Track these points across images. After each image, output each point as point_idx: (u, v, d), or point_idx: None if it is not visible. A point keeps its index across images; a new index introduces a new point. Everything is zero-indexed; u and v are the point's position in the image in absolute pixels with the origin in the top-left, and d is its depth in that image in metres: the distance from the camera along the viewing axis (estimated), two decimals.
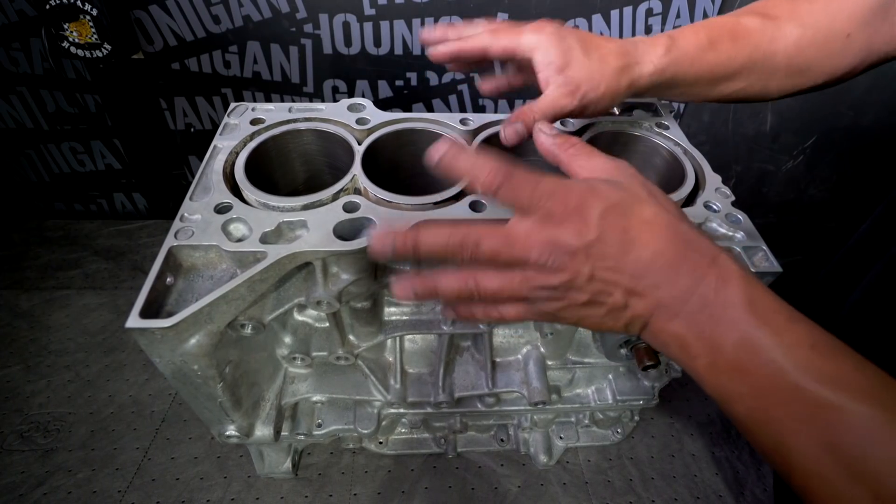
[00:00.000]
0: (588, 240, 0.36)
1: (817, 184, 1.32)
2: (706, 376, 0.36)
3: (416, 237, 0.38)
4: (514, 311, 0.41)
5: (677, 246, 0.37)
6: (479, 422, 0.81)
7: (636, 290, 0.37)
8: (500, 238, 0.37)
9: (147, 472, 0.78)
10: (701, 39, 0.54)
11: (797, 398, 0.32)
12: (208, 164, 0.58)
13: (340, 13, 1.03)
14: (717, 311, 0.35)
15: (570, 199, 0.37)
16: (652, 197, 0.39)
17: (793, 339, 0.34)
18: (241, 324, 0.53)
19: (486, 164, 0.38)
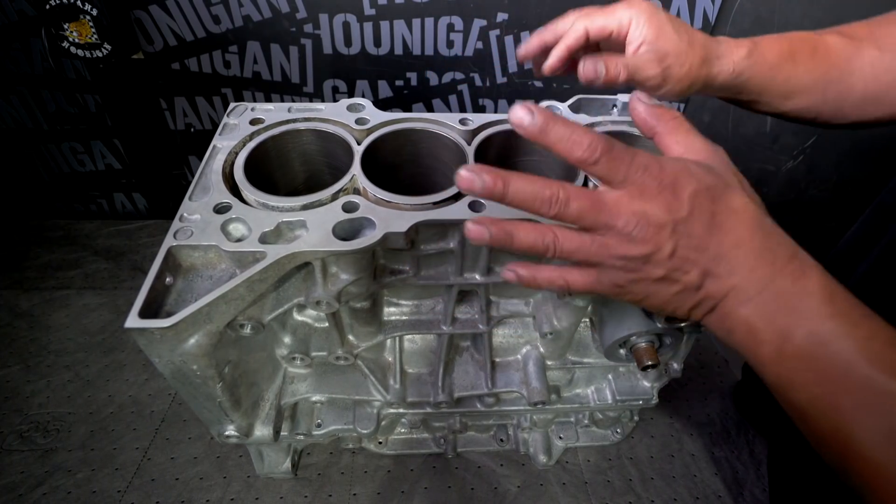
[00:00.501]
0: (677, 216, 0.37)
1: (817, 184, 1.32)
2: (770, 363, 0.37)
3: (508, 180, 0.37)
4: (583, 278, 0.41)
5: (760, 237, 0.38)
6: (479, 422, 0.81)
7: (713, 272, 0.38)
8: (590, 200, 0.37)
9: (146, 472, 0.78)
10: (783, 48, 0.54)
11: (866, 387, 0.33)
12: (208, 164, 0.58)
13: (340, 13, 1.03)
14: (792, 300, 0.36)
15: (665, 174, 0.37)
16: (742, 187, 0.40)
17: (868, 332, 0.35)
18: (241, 324, 0.53)
19: (584, 136, 0.36)
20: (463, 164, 0.38)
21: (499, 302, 0.66)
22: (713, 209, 0.37)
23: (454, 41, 1.06)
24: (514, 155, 0.66)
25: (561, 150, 0.37)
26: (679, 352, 0.69)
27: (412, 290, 0.64)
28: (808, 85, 0.55)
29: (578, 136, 0.36)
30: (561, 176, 0.63)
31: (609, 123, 0.67)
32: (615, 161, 0.36)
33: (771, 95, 0.56)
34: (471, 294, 0.65)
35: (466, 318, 0.65)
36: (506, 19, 1.03)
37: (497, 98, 1.18)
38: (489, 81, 1.14)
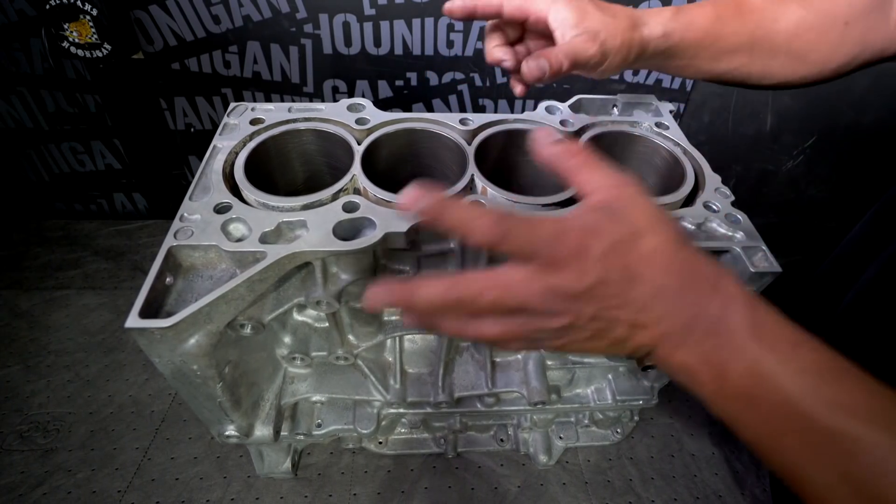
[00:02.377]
0: (588, 283, 0.36)
1: (817, 184, 1.32)
2: (714, 403, 0.36)
3: (413, 294, 0.37)
4: (518, 346, 0.41)
5: (679, 276, 0.37)
6: (479, 422, 0.81)
7: (640, 323, 0.37)
8: (499, 289, 0.36)
9: (147, 472, 0.78)
10: (708, 11, 0.55)
11: (809, 427, 0.32)
12: (208, 164, 0.58)
13: (340, 13, 1.03)
14: (721, 338, 0.35)
15: (569, 242, 0.36)
16: (654, 225, 0.38)
17: (799, 364, 0.33)
18: (241, 324, 0.53)
19: (481, 220, 0.35)
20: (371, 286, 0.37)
21: None
22: (625, 262, 0.36)
23: (454, 41, 1.06)
24: (514, 155, 0.66)
25: (458, 235, 0.37)
26: None
27: None
28: (735, 45, 0.56)
29: (476, 219, 0.36)
30: None
31: (609, 123, 0.67)
32: (515, 242, 0.36)
33: (701, 58, 0.56)
34: None
35: None
36: None
37: (497, 98, 1.18)
38: (489, 81, 1.14)
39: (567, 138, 0.42)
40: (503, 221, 0.36)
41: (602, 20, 0.51)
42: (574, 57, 0.49)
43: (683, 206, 0.57)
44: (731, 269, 0.36)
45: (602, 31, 0.51)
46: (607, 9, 0.53)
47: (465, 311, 0.37)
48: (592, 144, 0.63)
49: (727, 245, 0.52)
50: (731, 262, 0.53)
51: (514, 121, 0.65)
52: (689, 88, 1.16)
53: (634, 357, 0.40)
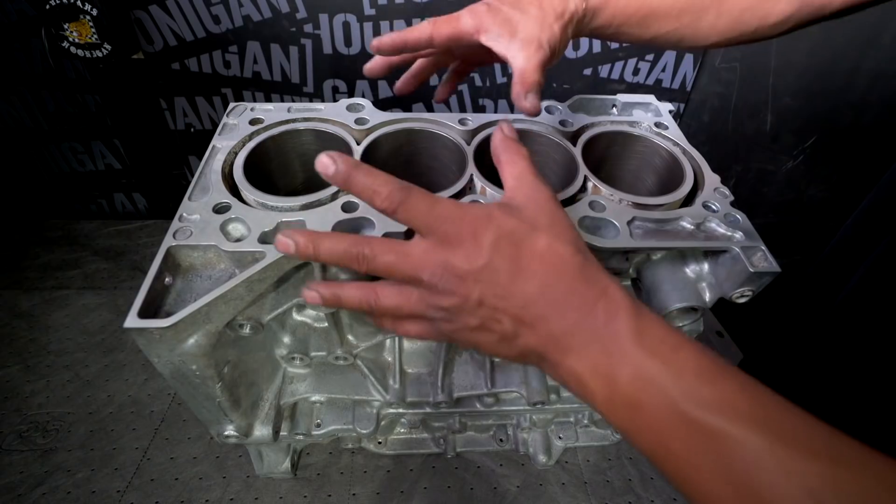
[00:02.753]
0: (477, 265, 0.37)
1: (817, 184, 1.32)
2: (606, 413, 0.36)
3: (318, 241, 0.39)
4: (416, 328, 0.42)
5: (567, 278, 0.37)
6: (478, 422, 0.81)
7: (524, 320, 0.37)
8: (396, 255, 0.39)
9: (146, 472, 0.78)
10: None
11: (689, 429, 0.32)
12: (207, 164, 0.58)
13: (340, 13, 1.03)
14: (607, 344, 0.35)
15: (465, 224, 0.38)
16: (552, 227, 0.39)
17: (679, 366, 0.34)
18: (240, 324, 0.53)
19: (383, 185, 0.38)
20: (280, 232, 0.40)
21: None
22: (515, 253, 0.37)
23: None
24: None
25: (364, 199, 0.39)
26: None
27: None
28: (662, 11, 0.55)
29: (378, 186, 0.38)
30: (561, 176, 0.63)
31: (608, 123, 0.67)
32: (413, 212, 0.38)
33: (629, 26, 0.56)
34: None
35: None
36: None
37: (497, 98, 1.19)
38: (489, 81, 1.14)
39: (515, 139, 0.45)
40: (404, 191, 0.38)
41: (533, 21, 0.51)
42: (540, 69, 0.51)
43: (683, 206, 0.57)
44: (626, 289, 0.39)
45: (540, 33, 0.51)
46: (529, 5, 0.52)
47: (361, 268, 0.39)
48: (592, 145, 0.63)
49: (726, 245, 0.52)
50: (730, 261, 0.53)
51: (514, 121, 0.65)
52: (689, 88, 1.16)
53: (530, 363, 0.40)
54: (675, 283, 0.56)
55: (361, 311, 0.42)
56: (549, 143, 0.64)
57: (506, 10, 0.52)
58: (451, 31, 0.53)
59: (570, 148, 0.62)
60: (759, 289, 0.53)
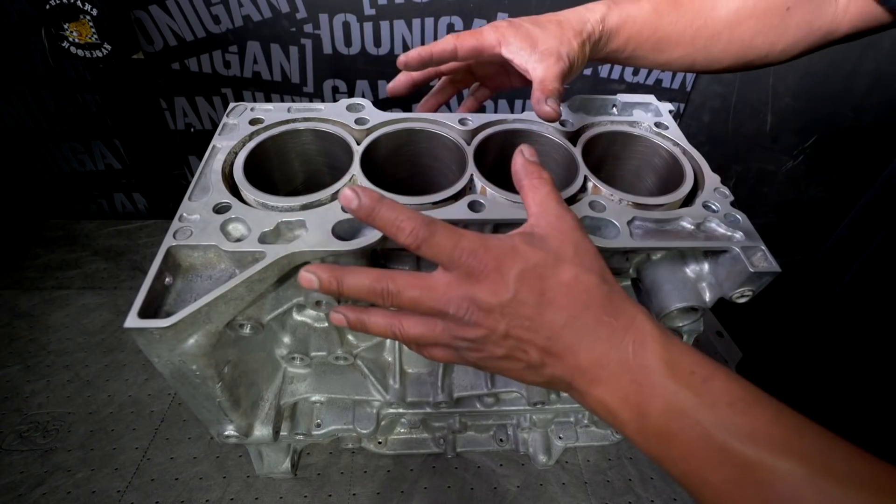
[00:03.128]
0: (503, 299, 0.37)
1: (817, 184, 1.32)
2: (638, 442, 0.37)
3: (341, 277, 0.40)
4: (441, 353, 0.43)
5: (594, 310, 0.37)
6: (479, 422, 0.81)
7: (551, 351, 0.37)
8: (420, 290, 0.39)
9: (146, 472, 0.78)
10: (643, 6, 0.56)
11: (725, 460, 0.32)
12: (207, 164, 0.58)
13: (340, 13, 1.03)
14: (637, 375, 0.35)
15: (490, 257, 0.37)
16: (577, 257, 0.39)
17: (711, 397, 0.34)
18: (240, 324, 0.53)
19: (407, 220, 0.38)
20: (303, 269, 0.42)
21: None
22: (541, 286, 0.37)
23: None
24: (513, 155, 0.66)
25: (388, 233, 0.39)
26: None
27: None
28: (675, 36, 0.57)
29: (402, 222, 0.38)
30: (561, 176, 0.63)
31: (608, 123, 0.67)
32: (437, 248, 0.38)
33: (644, 50, 0.58)
34: None
35: None
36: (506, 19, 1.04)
37: (497, 98, 1.19)
38: None
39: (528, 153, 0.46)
40: (429, 227, 0.38)
41: (552, 37, 0.53)
42: (560, 79, 0.52)
43: (683, 206, 0.57)
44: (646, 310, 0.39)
45: (559, 47, 0.53)
46: (548, 23, 0.55)
47: (388, 304, 0.40)
48: (592, 145, 0.63)
49: (726, 245, 0.52)
50: (730, 261, 0.53)
51: (514, 121, 0.65)
52: (689, 88, 1.16)
53: (557, 389, 0.41)
54: (676, 283, 0.56)
55: (386, 337, 0.43)
56: (549, 143, 0.64)
57: (527, 26, 0.54)
58: (475, 43, 0.54)
59: (571, 148, 0.62)
60: (760, 289, 0.53)
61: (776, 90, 1.16)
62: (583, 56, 0.55)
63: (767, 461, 0.30)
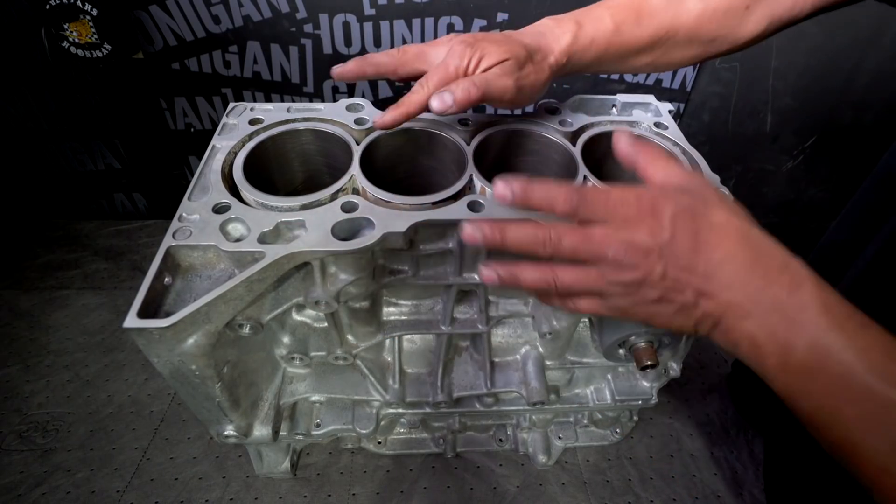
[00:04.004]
0: (662, 240, 0.38)
1: (817, 184, 1.32)
2: (776, 375, 0.38)
3: (504, 230, 0.41)
4: (589, 304, 0.43)
5: (748, 250, 0.38)
6: (478, 422, 0.81)
7: (706, 290, 0.39)
8: (580, 236, 0.40)
9: (146, 472, 0.78)
10: (606, 26, 0.56)
11: (868, 398, 0.33)
12: (207, 164, 0.58)
13: (340, 13, 1.03)
14: (790, 312, 0.37)
15: (643, 203, 0.39)
16: (723, 203, 0.41)
17: (866, 343, 0.35)
18: (240, 324, 0.53)
19: (559, 192, 0.40)
20: (466, 221, 0.42)
21: (498, 302, 0.66)
22: (696, 227, 0.39)
23: None
24: (513, 155, 0.66)
25: (545, 209, 0.41)
26: (678, 352, 0.68)
27: (411, 290, 0.64)
28: (638, 48, 0.58)
29: (555, 192, 0.40)
30: (559, 174, 0.63)
31: (608, 123, 0.67)
32: (593, 204, 0.40)
33: (607, 64, 0.59)
34: (470, 294, 0.65)
35: (465, 318, 0.65)
36: (506, 19, 1.03)
37: None
38: None
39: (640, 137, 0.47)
40: (579, 191, 0.40)
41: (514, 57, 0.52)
42: (485, 87, 0.50)
43: None
44: None
45: (515, 67, 0.52)
46: (505, 40, 0.54)
47: (548, 251, 0.40)
48: (592, 145, 0.63)
49: None
50: None
51: (513, 121, 0.65)
52: (688, 88, 1.16)
53: (699, 333, 0.42)
54: None
55: (538, 289, 0.43)
56: (549, 143, 0.64)
57: (486, 44, 0.53)
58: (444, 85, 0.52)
59: (570, 148, 0.62)
60: None
61: (776, 90, 1.16)
62: (537, 83, 0.55)
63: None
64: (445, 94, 0.49)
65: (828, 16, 1.05)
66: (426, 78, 0.52)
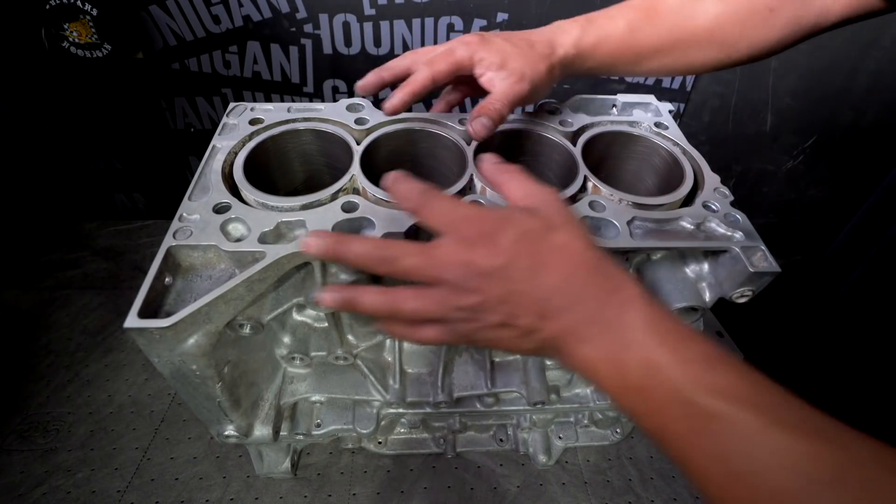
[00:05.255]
0: (499, 263, 0.38)
1: (817, 184, 1.32)
2: (619, 397, 0.38)
3: (346, 243, 0.41)
4: (433, 332, 0.43)
5: (585, 272, 0.39)
6: (479, 422, 0.81)
7: (545, 313, 0.39)
8: (420, 257, 0.40)
9: (146, 472, 0.78)
10: (618, 24, 0.56)
11: (691, 413, 0.34)
12: (207, 164, 0.58)
13: (340, 13, 1.03)
14: (620, 333, 0.37)
15: (485, 224, 0.39)
16: (567, 225, 0.41)
17: (687, 355, 0.35)
18: (240, 324, 0.53)
19: (411, 189, 0.42)
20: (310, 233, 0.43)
21: None
22: (535, 250, 0.39)
23: None
24: (513, 155, 0.66)
25: (399, 202, 0.42)
26: None
27: None
28: (652, 49, 0.57)
29: (407, 189, 0.42)
30: (559, 175, 0.63)
31: (608, 123, 0.67)
32: (434, 212, 0.41)
33: (621, 65, 0.59)
34: None
35: None
36: (506, 19, 1.04)
37: None
38: None
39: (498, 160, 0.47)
40: (427, 193, 0.41)
41: (522, 57, 0.54)
42: (510, 100, 0.53)
43: (683, 206, 0.57)
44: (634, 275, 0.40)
45: (526, 69, 0.54)
46: (521, 41, 0.55)
47: (386, 270, 0.41)
48: (592, 145, 0.63)
49: (726, 245, 0.52)
50: (730, 261, 0.53)
51: (514, 120, 0.65)
52: (689, 88, 1.16)
53: (544, 355, 0.42)
54: (676, 283, 0.56)
55: (380, 315, 0.42)
56: (549, 143, 0.64)
57: (498, 41, 0.55)
58: (449, 67, 0.54)
59: (570, 148, 0.62)
60: (760, 289, 0.53)
61: (776, 90, 1.16)
62: (549, 79, 0.56)
63: (728, 412, 0.32)
64: (483, 118, 0.52)
65: None
66: (431, 59, 0.54)
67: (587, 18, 0.57)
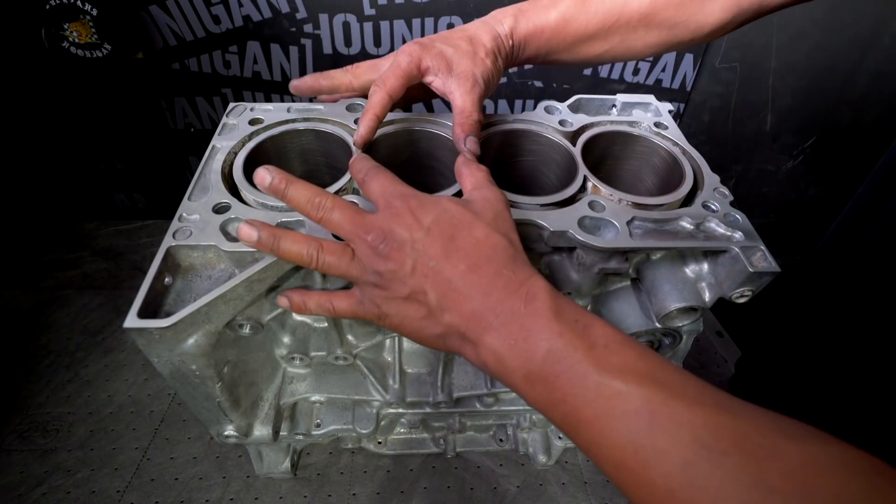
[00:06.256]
0: (415, 236, 0.41)
1: (817, 184, 1.32)
2: (524, 388, 0.39)
3: (290, 183, 0.44)
4: (345, 302, 0.46)
5: (495, 264, 0.40)
6: (478, 422, 0.81)
7: (449, 295, 0.40)
8: (351, 213, 0.43)
9: (146, 472, 0.78)
10: (550, 15, 0.57)
11: (598, 395, 0.34)
12: (207, 164, 0.58)
13: (340, 13, 1.03)
14: (526, 321, 0.38)
15: (413, 202, 0.43)
16: (494, 222, 0.43)
17: (591, 340, 0.36)
18: (240, 324, 0.53)
19: (364, 164, 0.47)
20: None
21: None
22: (453, 234, 0.41)
23: None
24: (513, 155, 0.66)
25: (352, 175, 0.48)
26: (678, 352, 0.68)
27: None
28: (587, 36, 0.57)
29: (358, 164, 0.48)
30: (560, 176, 0.63)
31: (608, 123, 0.67)
32: (376, 186, 0.45)
33: (558, 53, 0.60)
34: None
35: None
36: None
37: (497, 98, 1.19)
38: None
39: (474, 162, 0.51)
40: (375, 169, 0.46)
41: (467, 57, 0.55)
42: (476, 106, 0.55)
43: (682, 206, 0.57)
44: None
45: (475, 69, 0.55)
46: (460, 40, 0.56)
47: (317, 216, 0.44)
48: (592, 145, 0.63)
49: (726, 245, 0.52)
50: (729, 261, 0.53)
51: (514, 120, 0.65)
52: (689, 88, 1.16)
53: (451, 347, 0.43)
54: (675, 283, 0.56)
55: (299, 262, 0.44)
56: (549, 143, 0.64)
57: (438, 45, 0.55)
58: (401, 81, 0.55)
59: (570, 148, 0.62)
60: (759, 289, 0.53)
61: (776, 90, 1.16)
62: (497, 71, 0.57)
63: (633, 390, 0.33)
64: (470, 138, 0.53)
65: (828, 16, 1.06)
66: (382, 78, 0.55)
67: (518, 8, 0.57)
